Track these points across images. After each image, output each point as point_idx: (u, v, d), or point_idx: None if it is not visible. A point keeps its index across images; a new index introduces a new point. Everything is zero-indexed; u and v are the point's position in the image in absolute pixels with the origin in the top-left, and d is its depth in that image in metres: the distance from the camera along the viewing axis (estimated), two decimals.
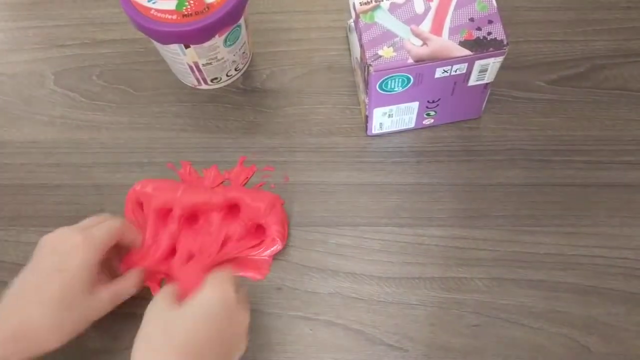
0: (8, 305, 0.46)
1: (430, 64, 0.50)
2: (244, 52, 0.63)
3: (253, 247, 0.56)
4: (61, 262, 0.47)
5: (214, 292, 0.46)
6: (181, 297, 0.47)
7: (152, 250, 0.55)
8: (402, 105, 0.56)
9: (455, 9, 0.51)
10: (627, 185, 0.58)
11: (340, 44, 0.66)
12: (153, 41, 0.58)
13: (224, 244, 0.56)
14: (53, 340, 0.45)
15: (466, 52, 0.50)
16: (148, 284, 0.55)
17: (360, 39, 0.52)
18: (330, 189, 0.59)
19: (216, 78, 0.63)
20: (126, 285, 0.51)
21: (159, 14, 0.54)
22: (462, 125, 0.61)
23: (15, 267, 0.49)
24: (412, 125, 0.60)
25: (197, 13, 0.54)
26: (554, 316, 0.53)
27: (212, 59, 0.59)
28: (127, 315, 0.54)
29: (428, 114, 0.58)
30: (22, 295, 0.46)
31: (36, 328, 0.45)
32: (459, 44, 0.50)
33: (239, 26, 0.58)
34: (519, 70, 0.63)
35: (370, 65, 0.50)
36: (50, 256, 0.48)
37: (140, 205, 0.58)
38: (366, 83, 0.53)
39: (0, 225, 0.59)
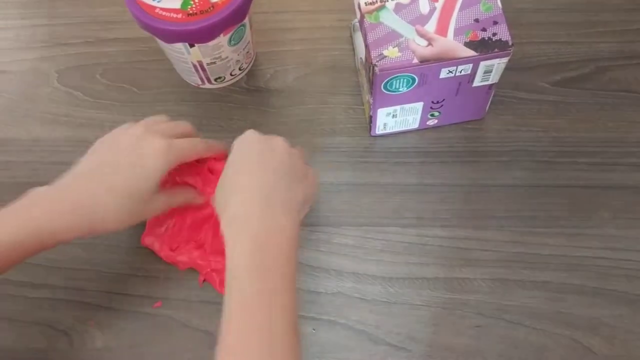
0: (74, 183, 0.49)
1: (435, 64, 0.50)
2: (247, 52, 0.63)
3: None
4: (140, 160, 0.50)
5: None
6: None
7: None
8: (407, 106, 0.56)
9: (460, 10, 0.51)
10: (632, 187, 0.58)
11: (344, 44, 0.66)
12: (157, 40, 0.58)
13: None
14: (111, 222, 0.48)
15: (471, 52, 0.50)
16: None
17: (365, 39, 0.52)
18: (334, 189, 0.59)
19: (220, 77, 0.63)
20: (180, 196, 0.54)
21: (164, 13, 0.54)
22: (466, 126, 0.61)
23: (19, 265, 0.49)
24: (415, 125, 0.60)
25: (202, 12, 0.54)
26: (557, 317, 0.53)
27: (216, 58, 0.59)
28: (129, 314, 0.54)
29: (432, 115, 0.58)
30: (91, 178, 0.49)
31: (100, 208, 0.48)
32: (464, 45, 0.50)
33: (244, 25, 0.58)
34: (523, 71, 0.63)
35: (375, 65, 0.50)
36: (129, 152, 0.50)
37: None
38: (371, 83, 0.53)
39: None
